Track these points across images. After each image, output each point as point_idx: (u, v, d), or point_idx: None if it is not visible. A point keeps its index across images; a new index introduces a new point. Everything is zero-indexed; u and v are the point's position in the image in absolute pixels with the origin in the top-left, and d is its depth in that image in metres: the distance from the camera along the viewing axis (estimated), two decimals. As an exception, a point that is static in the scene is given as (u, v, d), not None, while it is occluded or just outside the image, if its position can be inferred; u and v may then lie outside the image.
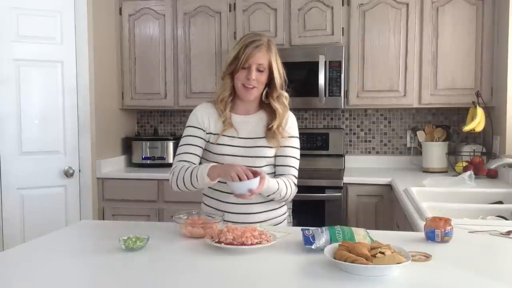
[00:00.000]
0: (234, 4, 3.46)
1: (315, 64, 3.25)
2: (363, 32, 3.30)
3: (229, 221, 1.77)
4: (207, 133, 1.85)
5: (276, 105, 1.83)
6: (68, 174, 3.16)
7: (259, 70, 1.77)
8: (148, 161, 3.64)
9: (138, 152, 3.66)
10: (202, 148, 1.85)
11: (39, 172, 3.08)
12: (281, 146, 1.85)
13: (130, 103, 3.68)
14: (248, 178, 1.60)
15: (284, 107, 1.85)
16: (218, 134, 1.83)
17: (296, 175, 1.87)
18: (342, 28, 3.32)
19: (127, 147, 3.77)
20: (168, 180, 1.84)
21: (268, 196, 1.78)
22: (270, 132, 1.82)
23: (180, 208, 1.85)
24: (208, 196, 1.92)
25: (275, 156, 1.86)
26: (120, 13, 3.63)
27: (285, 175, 1.84)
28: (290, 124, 1.88)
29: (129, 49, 3.63)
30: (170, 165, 3.51)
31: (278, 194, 1.77)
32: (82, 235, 1.78)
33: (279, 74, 1.81)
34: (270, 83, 1.82)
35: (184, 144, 1.84)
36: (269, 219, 1.87)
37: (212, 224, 1.63)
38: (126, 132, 3.86)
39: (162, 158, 3.64)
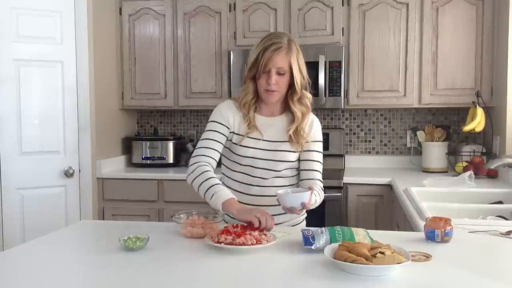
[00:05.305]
0: (234, 4, 3.46)
1: (315, 64, 3.24)
2: (363, 32, 3.30)
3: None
4: (230, 132, 1.83)
5: (295, 108, 1.80)
6: (68, 174, 3.15)
7: (279, 74, 1.74)
8: (148, 161, 3.64)
9: (138, 152, 3.66)
10: (223, 144, 1.83)
11: (39, 172, 3.08)
12: (306, 151, 1.83)
13: (130, 103, 3.68)
14: (266, 225, 1.55)
15: (307, 109, 1.83)
16: (242, 135, 1.81)
17: (321, 179, 1.86)
18: (342, 28, 3.32)
19: (127, 147, 3.77)
20: (169, 180, 1.84)
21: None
22: (293, 136, 1.81)
23: (180, 208, 1.85)
24: None
25: (300, 160, 1.85)
26: (120, 13, 3.63)
27: (311, 180, 1.82)
28: (316, 129, 1.87)
29: (129, 49, 3.63)
30: (170, 165, 3.61)
31: (313, 206, 1.75)
32: (82, 235, 1.78)
33: (300, 75, 1.77)
34: (292, 84, 1.79)
35: (207, 139, 1.81)
36: (288, 220, 1.86)
37: (212, 224, 1.63)
38: (126, 132, 3.86)
39: (162, 158, 3.64)
